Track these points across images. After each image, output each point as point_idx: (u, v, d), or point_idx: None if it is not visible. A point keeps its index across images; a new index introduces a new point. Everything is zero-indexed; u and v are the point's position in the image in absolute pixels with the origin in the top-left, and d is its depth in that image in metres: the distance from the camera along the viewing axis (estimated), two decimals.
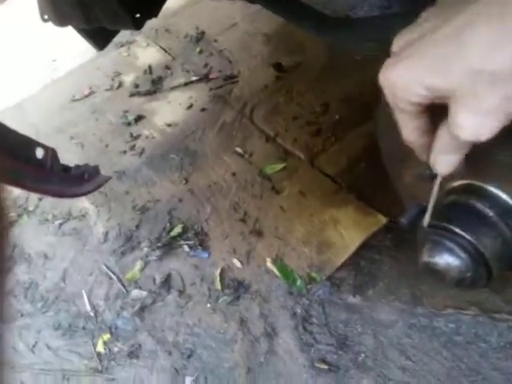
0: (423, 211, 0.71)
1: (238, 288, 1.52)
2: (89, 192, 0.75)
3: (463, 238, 0.60)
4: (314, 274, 1.48)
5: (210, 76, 2.40)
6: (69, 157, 1.20)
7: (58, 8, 1.40)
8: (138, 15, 1.43)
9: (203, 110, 2.24)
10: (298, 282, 1.47)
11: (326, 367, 1.29)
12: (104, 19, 1.39)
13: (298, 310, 1.42)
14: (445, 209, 0.65)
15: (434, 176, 0.59)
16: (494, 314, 1.28)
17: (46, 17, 1.45)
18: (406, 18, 1.03)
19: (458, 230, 0.61)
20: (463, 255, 0.60)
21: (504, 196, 0.62)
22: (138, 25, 1.40)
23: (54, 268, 1.83)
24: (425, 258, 0.64)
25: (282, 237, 1.62)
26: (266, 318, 1.43)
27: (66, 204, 2.02)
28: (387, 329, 1.33)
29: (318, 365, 1.30)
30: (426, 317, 1.32)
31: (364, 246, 1.51)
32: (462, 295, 1.31)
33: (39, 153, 0.72)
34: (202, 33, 2.73)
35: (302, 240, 1.58)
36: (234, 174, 1.89)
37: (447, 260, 0.61)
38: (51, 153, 0.74)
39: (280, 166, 1.85)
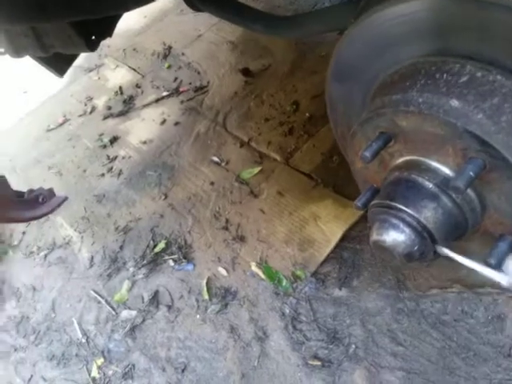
0: (375, 193, 0.72)
1: (225, 296, 1.51)
2: (46, 214, 0.75)
3: (406, 212, 0.60)
4: (298, 272, 1.47)
5: (181, 89, 2.41)
6: (47, 186, 1.19)
7: (13, 39, 1.40)
8: (92, 37, 1.44)
9: (177, 123, 2.25)
10: (284, 282, 1.47)
11: (318, 363, 1.28)
12: (59, 45, 1.40)
13: (287, 310, 1.42)
14: (389, 187, 0.66)
15: None
16: (478, 289, 1.28)
17: (1, 50, 1.45)
18: (338, 8, 1.05)
19: (400, 206, 0.61)
20: (407, 230, 0.60)
21: (442, 167, 0.62)
22: (92, 47, 1.40)
23: (43, 299, 1.81)
24: (374, 236, 0.64)
25: (265, 239, 1.61)
26: (255, 322, 1.43)
27: (49, 234, 2.01)
28: (375, 317, 1.32)
29: (310, 362, 1.29)
30: (412, 300, 1.32)
31: (345, 238, 1.51)
32: (443, 274, 1.31)
33: None
34: (169, 48, 2.74)
35: (284, 240, 1.58)
36: (212, 183, 1.89)
37: (393, 236, 0.61)
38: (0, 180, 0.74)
39: (256, 169, 1.85)
